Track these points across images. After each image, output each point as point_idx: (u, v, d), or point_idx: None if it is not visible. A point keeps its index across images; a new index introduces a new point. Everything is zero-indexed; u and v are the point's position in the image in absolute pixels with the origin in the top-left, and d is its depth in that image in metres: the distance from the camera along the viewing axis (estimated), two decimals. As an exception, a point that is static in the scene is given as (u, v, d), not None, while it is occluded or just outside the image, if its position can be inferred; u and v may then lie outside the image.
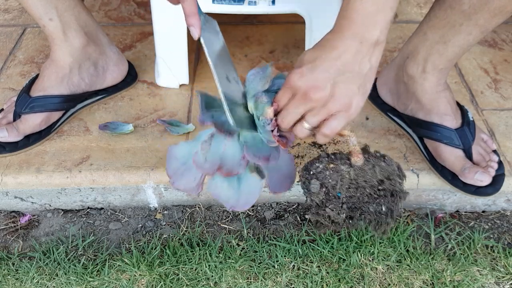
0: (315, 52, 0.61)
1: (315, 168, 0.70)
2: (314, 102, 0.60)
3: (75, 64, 0.96)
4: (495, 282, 0.86)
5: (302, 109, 0.62)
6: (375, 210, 0.69)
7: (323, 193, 0.69)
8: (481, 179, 0.84)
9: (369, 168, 0.69)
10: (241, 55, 1.19)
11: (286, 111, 0.63)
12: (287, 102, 0.63)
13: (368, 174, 0.69)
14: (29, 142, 0.94)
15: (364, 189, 0.69)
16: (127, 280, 0.86)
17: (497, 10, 0.73)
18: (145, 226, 0.95)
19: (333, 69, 0.59)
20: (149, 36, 1.24)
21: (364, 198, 0.69)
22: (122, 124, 0.99)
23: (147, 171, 0.91)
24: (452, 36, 0.80)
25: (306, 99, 0.61)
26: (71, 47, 0.94)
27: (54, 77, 0.95)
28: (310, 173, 0.71)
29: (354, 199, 0.69)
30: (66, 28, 0.91)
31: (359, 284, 0.85)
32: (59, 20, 0.90)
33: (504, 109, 1.04)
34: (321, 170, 0.70)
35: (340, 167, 0.69)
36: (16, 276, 0.87)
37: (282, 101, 0.64)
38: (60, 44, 0.93)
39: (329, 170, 0.69)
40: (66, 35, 0.92)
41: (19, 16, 1.32)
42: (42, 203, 0.97)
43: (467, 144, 0.87)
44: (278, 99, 0.64)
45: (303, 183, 0.72)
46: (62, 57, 0.94)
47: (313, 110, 0.62)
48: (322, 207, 0.70)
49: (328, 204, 0.69)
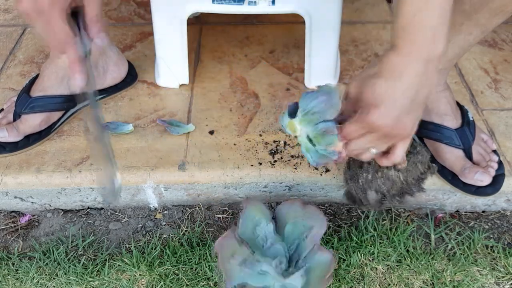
0: (383, 81, 0.60)
1: (364, 178, 0.74)
2: (387, 135, 0.62)
3: None
4: (495, 282, 0.86)
5: (374, 142, 0.64)
6: (417, 189, 0.77)
7: (380, 198, 0.75)
8: (481, 179, 0.84)
9: (412, 167, 0.73)
10: (241, 55, 1.19)
11: (357, 144, 0.65)
12: (357, 136, 0.64)
13: (413, 172, 0.74)
14: (29, 142, 0.94)
15: (411, 185, 0.75)
16: (127, 280, 0.86)
17: (498, 9, 0.72)
18: (145, 226, 0.95)
19: (407, 101, 0.59)
20: (149, 36, 1.24)
21: (411, 189, 0.76)
22: (122, 124, 0.99)
23: (147, 171, 0.91)
24: (452, 36, 0.80)
25: (385, 137, 0.62)
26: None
27: (54, 77, 0.95)
28: (359, 183, 0.75)
29: (402, 190, 0.76)
30: None
31: (359, 284, 0.85)
32: None
33: (504, 109, 1.04)
34: (371, 179, 0.74)
35: (388, 173, 0.73)
36: (16, 276, 0.87)
37: (353, 135, 0.64)
38: None
39: (380, 179, 0.73)
40: None
41: (19, 16, 1.32)
42: (42, 203, 0.97)
43: (467, 144, 0.87)
44: (349, 134, 0.64)
45: (354, 196, 0.77)
46: (62, 58, 0.94)
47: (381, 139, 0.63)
48: (377, 206, 0.77)
49: (385, 202, 0.76)
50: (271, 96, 1.07)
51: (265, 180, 0.92)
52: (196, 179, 0.92)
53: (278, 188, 0.94)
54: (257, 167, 0.92)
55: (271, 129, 0.99)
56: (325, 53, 1.03)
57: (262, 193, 0.95)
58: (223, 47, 1.22)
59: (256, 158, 0.94)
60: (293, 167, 0.92)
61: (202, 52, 1.20)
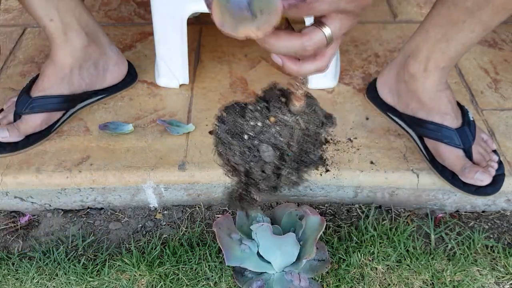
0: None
1: (251, 128, 0.52)
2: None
3: (76, 64, 0.96)
4: (495, 282, 0.86)
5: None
6: (316, 157, 0.57)
7: (277, 158, 0.53)
8: (481, 178, 0.84)
9: (311, 112, 0.54)
10: (241, 55, 1.19)
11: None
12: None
13: (313, 117, 0.54)
14: (29, 142, 0.94)
15: (310, 137, 0.55)
16: (127, 280, 0.86)
17: (501, 6, 0.72)
18: (145, 226, 0.95)
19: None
20: (149, 36, 1.24)
21: (309, 147, 0.55)
22: (122, 124, 0.99)
23: (147, 171, 0.91)
24: (454, 34, 0.80)
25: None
26: (72, 47, 0.94)
27: (54, 77, 0.95)
28: (245, 137, 0.52)
29: (301, 151, 0.55)
30: (67, 28, 0.91)
31: (359, 284, 0.85)
32: (60, 21, 0.90)
33: (504, 109, 1.04)
34: (262, 130, 0.52)
35: (284, 118, 0.53)
36: (16, 276, 0.87)
37: None
38: (60, 45, 0.93)
39: (274, 126, 0.52)
40: (66, 35, 0.92)
41: (19, 16, 1.32)
42: (42, 203, 0.97)
43: (467, 143, 0.87)
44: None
45: (240, 154, 0.53)
46: (63, 58, 0.94)
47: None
48: (273, 177, 0.55)
49: (283, 170, 0.54)
50: (271, 96, 1.07)
51: (265, 180, 0.92)
52: (196, 179, 0.92)
53: (278, 188, 0.94)
54: (257, 167, 0.92)
55: (271, 129, 0.99)
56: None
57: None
58: (223, 47, 1.22)
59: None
60: (293, 167, 0.92)
61: (202, 52, 1.20)
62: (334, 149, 0.95)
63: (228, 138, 0.53)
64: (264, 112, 0.53)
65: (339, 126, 1.00)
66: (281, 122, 0.52)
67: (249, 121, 0.52)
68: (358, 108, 1.04)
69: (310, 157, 0.55)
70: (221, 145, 0.53)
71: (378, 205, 0.98)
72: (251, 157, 0.53)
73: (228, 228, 0.83)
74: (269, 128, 0.52)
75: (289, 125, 0.52)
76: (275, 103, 0.53)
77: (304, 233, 0.83)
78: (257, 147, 0.52)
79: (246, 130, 0.52)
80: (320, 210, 0.97)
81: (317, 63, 0.48)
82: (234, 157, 0.53)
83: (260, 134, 0.52)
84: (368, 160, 0.93)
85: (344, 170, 0.92)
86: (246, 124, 0.52)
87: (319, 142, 0.55)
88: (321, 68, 0.49)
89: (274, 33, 0.44)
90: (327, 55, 0.48)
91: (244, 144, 0.52)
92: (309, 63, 0.48)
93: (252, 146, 0.52)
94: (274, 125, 0.52)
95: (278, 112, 0.53)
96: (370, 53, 1.20)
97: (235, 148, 0.52)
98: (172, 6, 0.97)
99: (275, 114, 0.52)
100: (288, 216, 0.86)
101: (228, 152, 0.53)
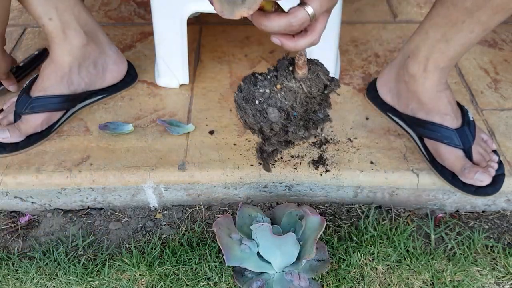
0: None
1: (261, 95, 0.63)
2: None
3: (75, 63, 0.96)
4: (495, 282, 0.86)
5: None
6: (323, 115, 0.68)
7: (284, 118, 0.64)
8: (481, 179, 0.84)
9: (314, 77, 0.65)
10: (241, 55, 1.19)
11: None
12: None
13: (316, 82, 0.65)
14: (30, 142, 0.94)
15: (314, 99, 0.65)
16: (127, 280, 0.86)
17: (500, 7, 0.72)
18: (145, 226, 0.95)
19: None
20: (149, 36, 1.24)
21: (315, 107, 0.66)
22: (122, 124, 0.99)
23: (147, 171, 0.91)
24: (454, 34, 0.80)
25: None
26: (71, 46, 0.94)
27: (54, 76, 0.95)
28: (256, 102, 0.64)
29: (307, 111, 0.66)
30: (66, 27, 0.91)
31: (359, 284, 0.85)
32: (59, 20, 0.90)
33: (504, 109, 1.04)
34: (270, 95, 0.63)
35: (288, 85, 0.63)
36: (16, 276, 0.87)
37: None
38: (59, 43, 0.93)
39: (280, 92, 0.63)
40: (65, 34, 0.92)
41: (19, 16, 1.32)
42: (42, 203, 0.97)
43: (467, 144, 0.87)
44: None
45: (252, 116, 0.64)
46: (62, 56, 0.94)
47: None
48: (282, 133, 0.66)
49: (290, 127, 0.65)
50: (271, 96, 1.07)
51: (265, 180, 0.92)
52: (196, 179, 0.92)
53: (278, 188, 0.94)
54: (257, 167, 0.92)
55: (271, 129, 0.99)
56: (325, 53, 1.03)
57: (262, 193, 0.95)
58: (223, 47, 1.22)
59: (256, 158, 0.94)
60: (293, 167, 0.92)
61: (202, 52, 1.20)
62: (334, 149, 0.95)
63: (243, 104, 0.64)
64: (273, 80, 0.64)
65: (339, 126, 1.00)
66: (286, 88, 0.63)
67: (259, 89, 0.64)
68: (358, 108, 1.04)
69: (318, 116, 0.67)
70: (239, 110, 0.65)
71: (378, 205, 0.98)
72: (261, 118, 0.64)
73: (228, 228, 0.83)
74: (276, 93, 0.63)
75: (293, 90, 0.63)
76: (283, 72, 0.64)
77: (304, 233, 0.83)
78: (265, 110, 0.64)
79: (257, 96, 0.64)
80: (320, 210, 0.97)
81: (310, 37, 0.58)
82: (249, 118, 0.65)
83: (268, 99, 0.63)
84: (368, 160, 0.93)
85: (344, 170, 0.92)
86: (257, 91, 0.64)
87: (325, 102, 0.66)
88: (314, 41, 0.58)
89: (266, 16, 0.54)
90: (317, 30, 0.58)
91: (256, 108, 0.64)
92: (302, 38, 0.58)
93: (262, 109, 0.64)
94: (280, 91, 0.63)
95: (284, 80, 0.63)
96: (370, 53, 1.20)
97: (248, 111, 0.64)
98: (172, 6, 0.97)
99: (281, 81, 0.63)
100: (288, 216, 0.86)
101: (244, 115, 0.65)
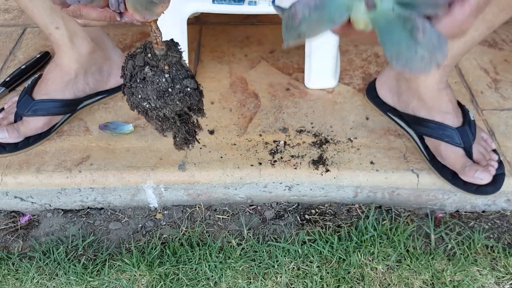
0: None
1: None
2: None
3: (81, 70, 0.96)
4: (495, 282, 0.86)
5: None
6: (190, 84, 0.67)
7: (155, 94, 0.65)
8: (481, 177, 0.84)
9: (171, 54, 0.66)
10: (241, 55, 1.19)
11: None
12: None
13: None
14: (29, 143, 0.94)
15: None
16: (127, 280, 0.86)
17: (506, 4, 0.72)
18: (145, 226, 0.95)
19: None
20: (149, 36, 1.24)
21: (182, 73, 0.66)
22: (122, 124, 0.99)
23: (147, 171, 0.91)
24: None
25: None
26: (78, 54, 0.93)
27: (59, 81, 0.94)
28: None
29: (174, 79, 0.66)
30: (73, 35, 0.91)
31: (359, 284, 0.85)
32: (65, 28, 0.89)
33: (504, 109, 1.04)
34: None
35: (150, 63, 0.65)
36: (16, 276, 0.87)
37: None
38: (66, 51, 0.92)
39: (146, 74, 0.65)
40: (73, 42, 0.91)
41: (19, 16, 1.32)
42: (42, 203, 0.97)
43: (468, 142, 0.87)
44: None
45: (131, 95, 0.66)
46: (68, 63, 0.94)
47: None
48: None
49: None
50: (271, 96, 1.07)
51: (265, 180, 0.92)
52: (196, 179, 0.92)
53: (278, 188, 0.94)
54: (257, 167, 0.92)
55: (271, 129, 0.99)
56: (325, 53, 1.03)
57: (262, 193, 0.95)
58: (223, 47, 1.22)
59: (256, 158, 0.94)
60: (293, 167, 0.92)
61: (202, 52, 1.20)
62: (334, 149, 0.95)
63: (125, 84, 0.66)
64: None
65: (339, 126, 1.00)
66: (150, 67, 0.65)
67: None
68: (358, 108, 1.04)
69: (184, 83, 0.67)
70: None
71: (378, 205, 0.98)
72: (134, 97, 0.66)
73: None
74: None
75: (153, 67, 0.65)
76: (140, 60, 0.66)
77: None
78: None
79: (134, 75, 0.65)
80: (320, 210, 0.97)
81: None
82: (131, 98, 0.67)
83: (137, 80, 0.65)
84: (368, 160, 0.93)
85: (344, 170, 0.92)
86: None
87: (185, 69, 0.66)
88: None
89: None
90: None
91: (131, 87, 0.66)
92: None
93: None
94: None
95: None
96: (370, 53, 1.20)
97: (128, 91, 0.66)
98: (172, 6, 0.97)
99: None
100: None
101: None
